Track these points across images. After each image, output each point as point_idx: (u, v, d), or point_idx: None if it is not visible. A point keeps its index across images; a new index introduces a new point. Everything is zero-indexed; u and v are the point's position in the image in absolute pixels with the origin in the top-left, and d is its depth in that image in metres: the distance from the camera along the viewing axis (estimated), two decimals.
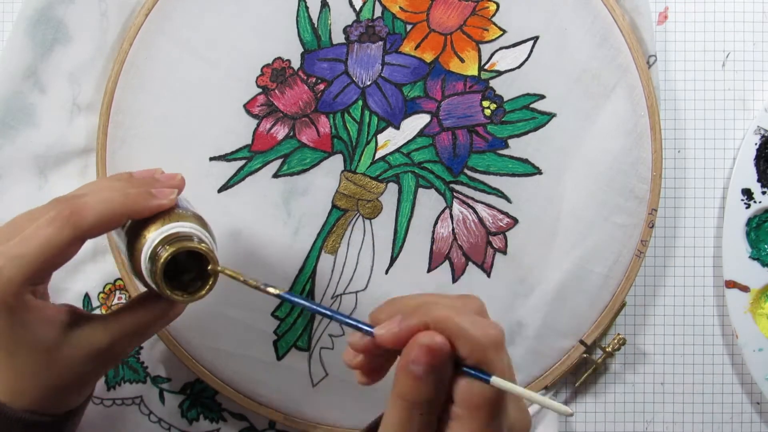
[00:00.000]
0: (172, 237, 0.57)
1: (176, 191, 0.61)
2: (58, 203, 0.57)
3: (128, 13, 0.78)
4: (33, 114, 0.78)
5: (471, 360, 0.48)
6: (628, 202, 0.76)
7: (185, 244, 0.56)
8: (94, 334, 0.59)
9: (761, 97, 0.81)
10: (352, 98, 0.76)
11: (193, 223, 0.59)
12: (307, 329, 0.78)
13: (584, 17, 0.76)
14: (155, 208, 0.59)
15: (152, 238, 0.57)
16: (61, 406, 0.61)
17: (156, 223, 0.58)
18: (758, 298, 0.79)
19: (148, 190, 0.59)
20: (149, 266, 0.57)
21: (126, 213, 0.57)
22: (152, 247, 0.56)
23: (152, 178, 0.63)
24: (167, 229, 0.57)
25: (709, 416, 0.82)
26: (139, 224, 0.59)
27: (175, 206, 0.60)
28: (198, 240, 0.57)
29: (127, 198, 0.58)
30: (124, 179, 0.62)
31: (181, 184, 0.63)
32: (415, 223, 0.77)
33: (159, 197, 0.59)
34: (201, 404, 0.80)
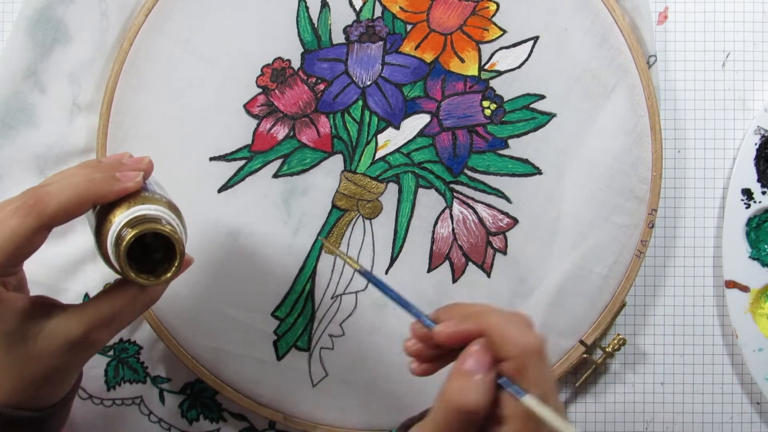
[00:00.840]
0: (138, 219, 0.56)
1: (141, 174, 0.60)
2: (23, 193, 0.57)
3: (128, 13, 0.78)
4: (33, 114, 0.78)
5: (512, 363, 0.53)
6: (628, 203, 0.76)
7: (148, 225, 0.56)
8: (68, 323, 0.58)
9: (761, 97, 0.81)
10: (352, 98, 0.76)
11: (160, 205, 0.58)
12: (307, 329, 0.78)
13: (584, 17, 0.76)
14: (120, 192, 0.58)
15: (117, 222, 0.56)
16: (42, 399, 0.60)
17: (122, 207, 0.57)
18: (758, 298, 0.79)
19: (113, 174, 0.58)
20: (114, 250, 0.56)
21: (90, 198, 0.57)
22: (117, 230, 0.56)
23: (119, 162, 0.61)
24: (132, 212, 0.56)
25: (709, 416, 0.82)
26: (107, 209, 0.58)
27: (141, 189, 0.59)
28: (164, 222, 0.57)
29: (91, 183, 0.57)
30: (91, 165, 0.60)
31: (148, 167, 0.62)
32: (415, 223, 0.77)
33: (123, 180, 0.58)
34: (201, 404, 0.80)
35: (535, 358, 0.53)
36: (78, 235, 0.78)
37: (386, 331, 0.77)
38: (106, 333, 0.60)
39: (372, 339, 0.78)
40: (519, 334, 0.54)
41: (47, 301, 0.60)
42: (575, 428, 0.53)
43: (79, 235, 0.78)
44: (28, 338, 0.58)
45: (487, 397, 0.53)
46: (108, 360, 0.80)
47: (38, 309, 0.58)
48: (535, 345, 0.54)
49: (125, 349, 0.80)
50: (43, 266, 0.78)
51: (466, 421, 0.53)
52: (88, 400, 0.79)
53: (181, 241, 0.57)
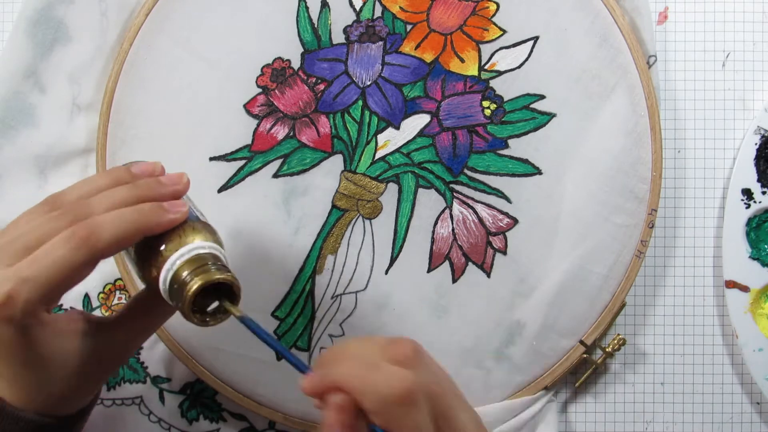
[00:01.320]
0: (196, 263, 0.56)
1: (188, 205, 0.59)
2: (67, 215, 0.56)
3: (128, 13, 0.78)
4: (33, 114, 0.78)
5: (379, 418, 0.49)
6: (628, 203, 0.76)
7: (211, 276, 0.55)
8: (105, 338, 0.60)
9: (761, 97, 0.81)
10: (352, 98, 0.76)
11: (208, 238, 0.58)
12: (307, 329, 0.78)
13: (584, 17, 0.76)
14: (168, 225, 0.57)
15: (172, 260, 0.56)
16: (71, 407, 0.61)
17: (172, 239, 0.57)
18: (758, 298, 0.79)
19: (161, 205, 0.58)
20: (170, 289, 0.56)
21: (140, 232, 0.56)
22: (174, 271, 0.56)
23: (157, 180, 0.61)
24: (187, 252, 0.56)
25: (709, 416, 0.82)
26: (150, 237, 0.58)
27: None
28: (221, 264, 0.57)
29: (141, 215, 0.56)
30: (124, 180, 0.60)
31: (186, 188, 0.62)
32: (415, 223, 0.77)
33: (172, 212, 0.58)
34: (201, 404, 0.80)
35: (399, 406, 0.49)
36: None
37: (386, 331, 0.77)
38: (137, 346, 0.63)
39: None
40: (376, 383, 0.50)
41: (82, 316, 0.60)
42: None
43: None
44: (71, 356, 0.58)
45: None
46: None
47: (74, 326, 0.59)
48: (397, 392, 0.49)
49: None
50: None
51: None
52: None
53: (239, 285, 0.57)
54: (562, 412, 0.81)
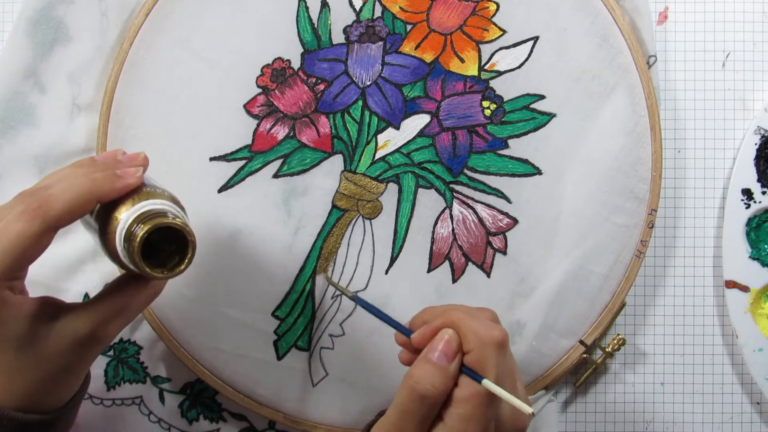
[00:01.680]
0: (146, 215, 0.57)
1: (141, 169, 0.60)
2: (24, 196, 0.57)
3: (128, 13, 0.78)
4: (33, 114, 0.78)
5: (474, 354, 0.58)
6: (628, 203, 0.76)
7: (160, 219, 0.56)
8: (76, 322, 0.59)
9: (761, 97, 0.81)
10: (352, 98, 0.76)
11: (164, 199, 0.59)
12: (308, 329, 0.78)
13: (584, 17, 0.76)
14: (123, 188, 0.58)
15: (125, 218, 0.57)
16: (52, 401, 0.61)
17: (126, 203, 0.58)
18: (758, 298, 0.79)
19: (114, 172, 0.59)
20: (125, 246, 0.56)
21: (94, 197, 0.57)
22: (126, 227, 0.56)
23: (115, 159, 0.62)
24: (139, 208, 0.57)
25: (709, 416, 0.82)
26: (109, 207, 0.58)
27: (142, 185, 0.60)
28: (172, 215, 0.57)
29: (94, 182, 0.57)
30: (87, 164, 0.61)
31: (145, 162, 0.63)
32: (415, 223, 0.77)
33: (125, 177, 0.59)
34: (201, 404, 0.80)
35: (494, 349, 0.58)
36: (78, 235, 0.78)
37: (386, 331, 0.77)
38: (114, 328, 0.61)
39: (372, 339, 0.78)
40: (480, 328, 0.58)
41: (53, 301, 0.61)
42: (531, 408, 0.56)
43: (79, 235, 0.78)
44: (37, 340, 0.58)
45: (448, 384, 0.58)
46: (108, 360, 0.80)
47: (45, 310, 0.59)
48: (494, 337, 0.58)
49: (125, 349, 0.80)
50: (43, 266, 0.78)
51: (427, 405, 0.57)
52: (88, 400, 0.79)
53: (192, 232, 0.58)
54: (562, 412, 0.81)
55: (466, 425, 0.57)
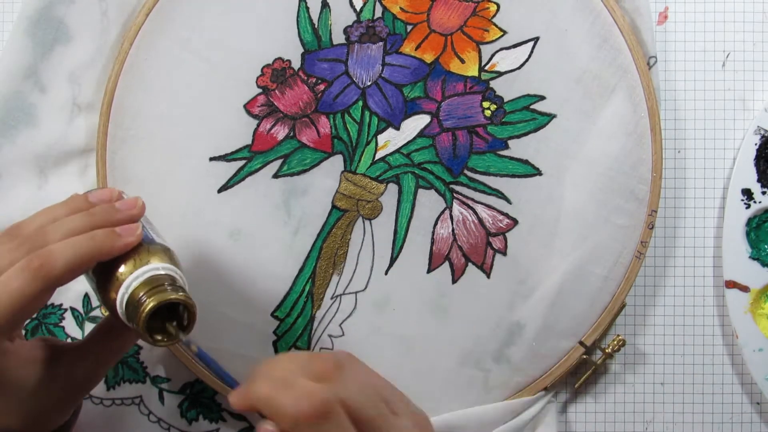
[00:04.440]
0: (151, 284, 0.57)
1: (141, 226, 0.61)
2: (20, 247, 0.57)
3: (128, 13, 0.78)
4: (33, 114, 0.78)
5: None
6: (628, 203, 0.76)
7: (165, 296, 0.56)
8: (71, 365, 0.61)
9: (761, 97, 0.81)
10: (352, 99, 0.76)
11: (164, 260, 0.59)
12: (307, 330, 0.78)
13: (584, 18, 0.76)
14: (122, 249, 0.58)
15: (127, 284, 0.57)
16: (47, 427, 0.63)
17: (127, 263, 0.58)
18: (758, 298, 0.79)
19: (114, 230, 0.59)
20: (126, 311, 0.57)
21: (94, 257, 0.57)
22: (129, 293, 0.57)
23: (112, 206, 0.62)
24: (141, 273, 0.57)
25: (709, 416, 0.82)
26: (108, 262, 0.59)
27: (142, 240, 0.60)
28: (177, 285, 0.58)
29: (94, 241, 0.57)
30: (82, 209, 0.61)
31: (142, 211, 0.63)
32: (415, 223, 0.77)
33: (125, 236, 0.59)
34: (200, 404, 0.80)
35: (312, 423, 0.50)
36: None
37: (386, 332, 0.77)
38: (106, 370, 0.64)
39: (371, 339, 0.78)
40: (287, 402, 0.51)
41: (49, 343, 0.62)
42: None
43: None
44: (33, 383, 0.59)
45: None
46: None
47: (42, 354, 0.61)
48: (305, 410, 0.50)
49: None
50: None
51: None
52: (87, 400, 0.79)
53: (194, 304, 0.58)
54: (562, 413, 0.81)
55: None
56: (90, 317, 0.80)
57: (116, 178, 0.76)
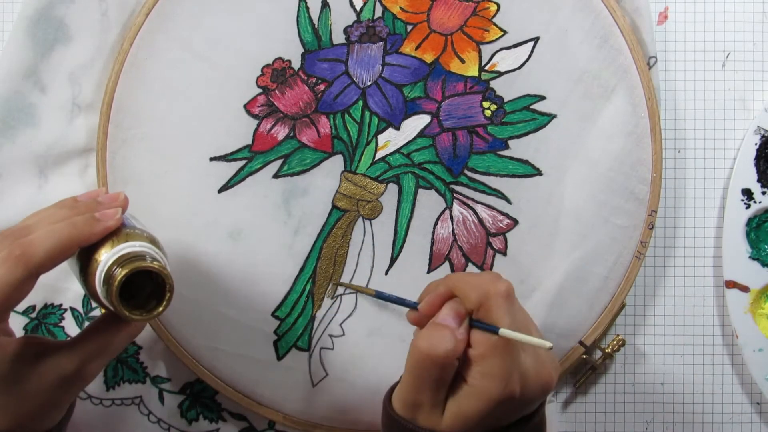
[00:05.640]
0: (124, 257, 0.58)
1: (120, 211, 0.61)
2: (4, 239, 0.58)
3: (128, 13, 0.78)
4: (33, 114, 0.78)
5: (483, 308, 0.60)
6: (628, 204, 0.76)
7: (138, 263, 0.57)
8: (60, 362, 0.61)
9: (761, 97, 0.81)
10: (352, 99, 0.76)
11: (143, 241, 0.60)
12: (308, 329, 0.78)
13: (585, 18, 0.76)
14: (102, 232, 0.59)
15: (104, 261, 0.58)
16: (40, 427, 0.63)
17: (106, 246, 0.59)
18: (758, 298, 0.79)
19: (92, 215, 0.60)
20: (104, 289, 0.57)
21: (74, 242, 0.58)
22: (105, 270, 0.57)
23: (95, 201, 0.63)
24: (118, 250, 0.58)
25: (709, 416, 0.82)
26: (90, 249, 0.59)
27: (122, 226, 0.61)
28: (150, 258, 0.58)
29: (74, 227, 0.58)
30: (68, 206, 0.62)
31: (124, 203, 0.64)
32: (415, 223, 0.77)
33: (104, 220, 0.60)
34: (200, 404, 0.80)
35: (502, 299, 0.60)
36: None
37: (386, 332, 0.77)
38: (96, 367, 0.63)
39: (372, 339, 0.78)
40: (482, 282, 0.61)
41: (37, 341, 0.62)
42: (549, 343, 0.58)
43: None
44: (21, 379, 0.59)
45: (457, 344, 0.59)
46: None
47: (30, 350, 0.61)
48: (499, 289, 0.60)
49: (125, 349, 0.79)
50: None
51: (439, 367, 0.59)
52: (87, 400, 0.79)
53: (170, 275, 0.58)
54: (562, 413, 0.81)
55: (488, 382, 0.58)
56: (90, 317, 0.80)
57: (116, 178, 0.76)
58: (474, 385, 0.59)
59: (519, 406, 0.61)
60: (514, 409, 0.61)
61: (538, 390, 0.61)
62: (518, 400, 0.59)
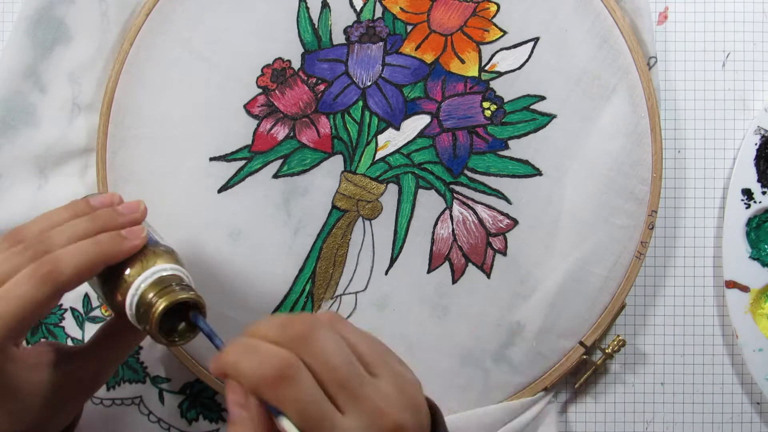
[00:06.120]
0: (160, 284, 0.57)
1: (146, 229, 0.61)
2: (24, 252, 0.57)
3: (128, 13, 0.78)
4: (33, 114, 0.78)
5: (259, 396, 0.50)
6: (628, 204, 0.76)
7: (177, 296, 0.57)
8: (77, 367, 0.61)
9: (761, 97, 0.81)
10: (352, 99, 0.76)
11: (170, 261, 0.60)
12: None
13: (584, 18, 0.76)
14: (129, 252, 0.59)
15: (136, 285, 0.57)
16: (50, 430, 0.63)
17: (135, 266, 0.59)
18: (758, 298, 0.79)
19: (119, 233, 0.59)
20: (136, 312, 0.57)
21: (102, 262, 0.58)
22: (139, 295, 0.57)
23: (115, 210, 0.62)
24: (150, 275, 0.58)
25: (709, 416, 0.82)
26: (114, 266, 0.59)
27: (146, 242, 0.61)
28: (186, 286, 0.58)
29: (101, 246, 0.58)
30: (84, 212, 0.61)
31: (144, 215, 0.63)
32: (415, 223, 0.77)
33: (131, 239, 0.59)
34: (200, 404, 0.80)
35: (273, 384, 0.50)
36: None
37: (386, 332, 0.77)
38: (111, 372, 0.64)
39: None
40: (250, 365, 0.50)
41: (53, 348, 0.62)
42: None
43: None
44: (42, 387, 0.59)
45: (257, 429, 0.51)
46: None
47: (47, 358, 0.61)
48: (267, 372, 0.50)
49: None
50: None
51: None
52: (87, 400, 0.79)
53: (202, 300, 0.58)
54: (562, 413, 0.81)
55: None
56: (90, 317, 0.80)
57: (116, 178, 0.76)
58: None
59: None
60: None
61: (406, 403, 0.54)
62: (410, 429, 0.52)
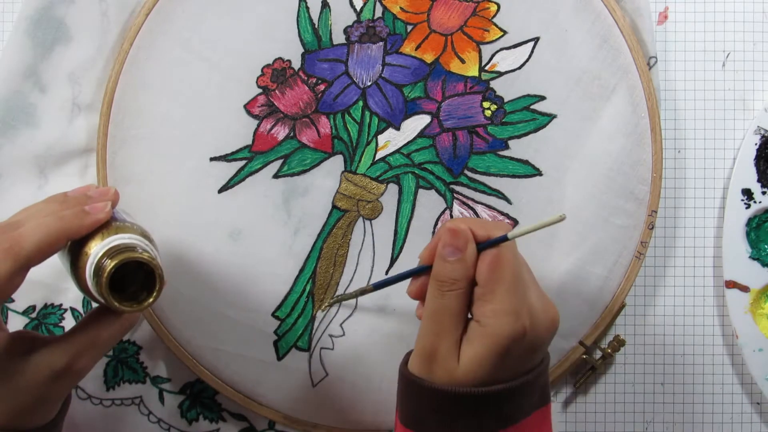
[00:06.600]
0: (114, 249, 0.58)
1: (110, 204, 0.61)
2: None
3: (128, 13, 0.78)
4: (33, 114, 0.78)
5: None
6: (628, 204, 0.76)
7: (127, 254, 0.57)
8: (51, 356, 0.60)
9: (761, 97, 0.81)
10: (352, 99, 0.76)
11: (133, 233, 0.60)
12: (308, 330, 0.78)
13: (585, 18, 0.76)
14: (91, 225, 0.59)
15: (94, 253, 0.58)
16: (30, 424, 0.62)
17: (96, 238, 0.59)
18: (758, 298, 0.79)
19: (82, 208, 0.60)
20: (94, 281, 0.58)
21: (63, 235, 0.58)
22: (95, 262, 0.57)
23: (85, 195, 0.63)
24: (108, 242, 0.58)
25: (709, 416, 0.82)
26: (80, 242, 0.59)
27: (112, 219, 0.61)
28: (141, 250, 0.58)
29: (63, 220, 0.58)
30: (58, 201, 0.62)
31: (115, 198, 0.64)
32: (416, 224, 0.77)
33: (93, 213, 0.60)
34: (201, 404, 0.80)
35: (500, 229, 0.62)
36: None
37: (386, 331, 0.77)
38: (88, 361, 0.62)
39: (372, 339, 0.78)
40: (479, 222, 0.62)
41: (28, 335, 0.62)
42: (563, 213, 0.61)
43: None
44: (12, 374, 0.59)
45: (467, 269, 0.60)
46: (107, 360, 0.80)
47: (20, 344, 0.60)
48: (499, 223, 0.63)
49: (125, 349, 0.80)
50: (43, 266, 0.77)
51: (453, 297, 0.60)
52: (87, 400, 0.79)
53: (160, 266, 0.58)
54: (562, 413, 0.81)
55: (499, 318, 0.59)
56: None
57: (116, 178, 0.76)
58: (486, 324, 0.59)
59: (530, 345, 0.60)
60: (525, 350, 0.60)
61: (546, 324, 0.61)
62: (529, 337, 0.59)
